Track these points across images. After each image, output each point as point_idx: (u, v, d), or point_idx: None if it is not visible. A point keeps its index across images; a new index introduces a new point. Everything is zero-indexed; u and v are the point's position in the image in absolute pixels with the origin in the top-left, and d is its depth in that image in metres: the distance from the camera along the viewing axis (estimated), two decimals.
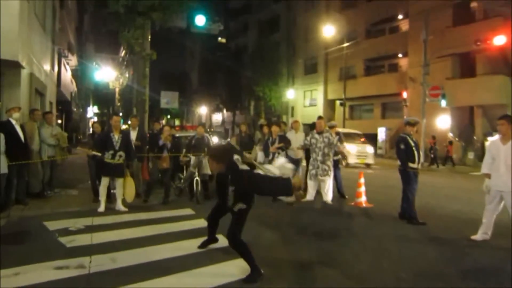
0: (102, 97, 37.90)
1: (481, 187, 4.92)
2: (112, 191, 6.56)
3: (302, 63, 31.66)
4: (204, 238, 4.33)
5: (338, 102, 28.86)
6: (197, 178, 7.07)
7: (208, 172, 7.24)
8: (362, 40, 25.33)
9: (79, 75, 23.12)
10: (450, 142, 18.56)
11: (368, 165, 15.70)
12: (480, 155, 15.85)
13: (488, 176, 4.79)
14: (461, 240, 4.92)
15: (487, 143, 4.70)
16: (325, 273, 3.70)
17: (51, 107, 11.78)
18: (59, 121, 14.08)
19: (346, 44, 24.39)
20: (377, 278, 3.59)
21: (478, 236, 4.86)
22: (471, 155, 18.38)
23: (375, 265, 3.95)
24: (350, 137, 15.35)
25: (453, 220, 6.23)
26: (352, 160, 15.02)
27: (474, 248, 4.59)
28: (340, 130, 10.01)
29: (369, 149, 16.15)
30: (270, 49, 31.42)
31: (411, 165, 5.84)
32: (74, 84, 20.71)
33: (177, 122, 45.38)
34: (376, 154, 23.07)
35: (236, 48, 40.20)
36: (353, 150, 15.11)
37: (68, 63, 16.74)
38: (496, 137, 4.91)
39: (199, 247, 4.30)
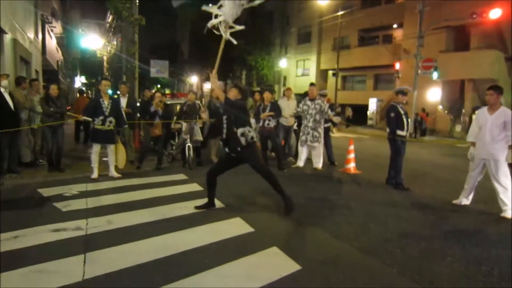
0: (90, 66, 36.71)
1: (466, 156, 5.12)
2: (103, 158, 6.57)
3: (296, 32, 30.99)
4: (198, 201, 4.44)
5: (330, 73, 28.65)
6: (189, 144, 7.13)
7: (200, 138, 7.28)
8: (357, 9, 24.76)
9: (64, 44, 22.29)
10: (427, 114, 19.25)
11: None
12: (467, 128, 16.16)
13: (473, 144, 4.94)
14: (444, 204, 5.15)
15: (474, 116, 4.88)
16: (314, 232, 3.85)
17: (37, 75, 11.47)
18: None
19: (340, 13, 23.85)
20: (364, 238, 3.76)
21: (459, 201, 5.14)
22: (458, 128, 18.75)
23: (362, 226, 4.12)
24: None
25: (437, 186, 6.47)
26: None
27: (455, 212, 4.82)
28: None
29: None
30: (263, 18, 30.55)
31: (399, 132, 5.98)
32: (60, 53, 20.05)
33: (167, 92, 44.80)
34: (366, 125, 23.49)
35: None
36: None
37: (52, 30, 16.11)
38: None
39: (196, 207, 4.44)
